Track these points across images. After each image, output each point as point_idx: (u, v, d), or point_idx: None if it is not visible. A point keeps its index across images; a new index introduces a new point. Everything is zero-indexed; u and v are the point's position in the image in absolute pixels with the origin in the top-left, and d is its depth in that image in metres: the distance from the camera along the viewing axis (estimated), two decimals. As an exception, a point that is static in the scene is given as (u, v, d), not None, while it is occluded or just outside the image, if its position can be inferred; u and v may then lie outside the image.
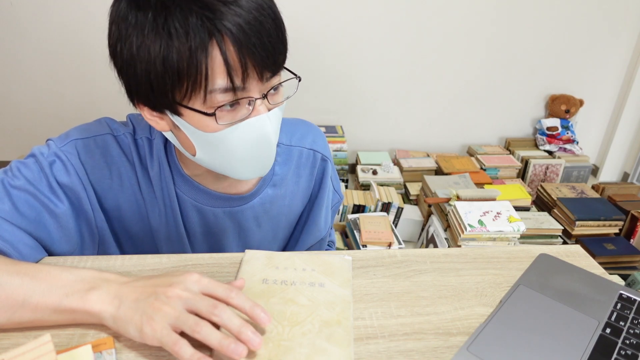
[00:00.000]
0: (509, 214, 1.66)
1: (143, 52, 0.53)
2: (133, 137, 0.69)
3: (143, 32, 0.52)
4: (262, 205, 0.76)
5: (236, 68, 0.54)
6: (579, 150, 2.48)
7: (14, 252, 0.59)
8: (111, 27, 0.57)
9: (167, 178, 0.70)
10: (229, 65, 0.53)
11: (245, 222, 0.76)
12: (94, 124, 0.70)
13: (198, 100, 0.55)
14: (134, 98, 0.60)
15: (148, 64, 0.53)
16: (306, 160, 0.79)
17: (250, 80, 0.55)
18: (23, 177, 0.62)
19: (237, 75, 0.54)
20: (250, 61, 0.54)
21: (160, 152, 0.69)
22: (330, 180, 0.84)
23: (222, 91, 0.54)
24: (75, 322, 0.52)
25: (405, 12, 2.20)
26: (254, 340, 0.47)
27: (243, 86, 0.55)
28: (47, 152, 0.65)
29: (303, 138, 0.79)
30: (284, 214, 0.80)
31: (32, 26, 2.07)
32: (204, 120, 0.56)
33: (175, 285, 0.50)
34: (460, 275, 0.64)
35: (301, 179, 0.80)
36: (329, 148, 0.85)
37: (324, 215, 0.84)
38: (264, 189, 0.75)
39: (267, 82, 0.58)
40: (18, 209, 0.61)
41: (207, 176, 0.70)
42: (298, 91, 0.65)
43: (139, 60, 0.54)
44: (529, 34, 2.31)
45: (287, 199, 0.79)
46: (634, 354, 0.51)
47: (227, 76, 0.53)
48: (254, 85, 0.56)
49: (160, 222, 0.72)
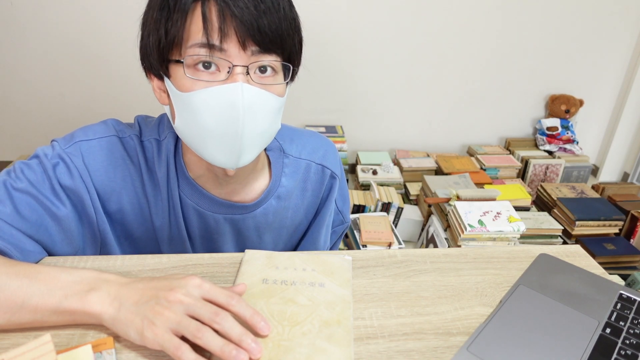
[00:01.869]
0: (509, 214, 1.66)
1: (148, 26, 0.59)
2: (139, 139, 0.69)
3: (153, 11, 0.59)
4: (264, 216, 0.75)
5: (213, 24, 0.55)
6: (579, 150, 2.48)
7: (15, 253, 0.59)
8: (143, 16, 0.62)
9: (173, 179, 0.69)
10: (207, 20, 0.55)
11: (245, 231, 0.75)
12: (99, 126, 0.69)
13: (178, 53, 0.58)
14: (149, 72, 0.64)
15: (149, 32, 0.59)
16: (314, 175, 0.78)
17: (229, 41, 0.56)
18: (26, 179, 0.62)
19: (214, 32, 0.55)
20: (231, 22, 0.55)
21: (170, 153, 0.69)
22: (334, 200, 0.82)
23: (198, 46, 0.56)
24: (75, 322, 0.52)
25: (405, 12, 2.20)
26: (254, 350, 0.47)
27: (220, 46, 0.56)
28: (51, 154, 0.64)
29: (314, 152, 0.78)
30: (286, 227, 0.79)
31: (32, 26, 2.07)
32: (183, 78, 0.58)
33: (176, 289, 0.50)
34: (460, 275, 0.64)
35: (307, 193, 0.79)
36: (341, 165, 0.83)
37: (323, 234, 0.83)
38: (268, 200, 0.74)
39: (254, 57, 0.57)
40: (20, 212, 0.60)
41: (209, 177, 0.70)
42: (298, 91, 0.65)
43: (146, 32, 0.60)
44: (529, 34, 2.31)
45: (290, 212, 0.78)
46: (634, 354, 0.51)
47: (203, 31, 0.55)
48: (235, 52, 0.56)
49: (163, 222, 0.72)
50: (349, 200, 0.88)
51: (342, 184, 0.85)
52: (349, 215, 0.88)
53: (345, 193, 0.87)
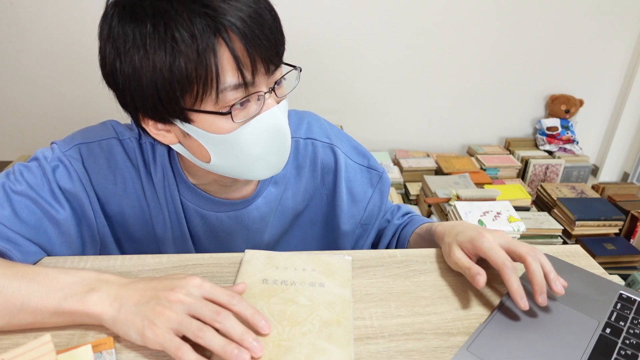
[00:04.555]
0: (509, 214, 1.66)
1: (147, 64, 0.52)
2: (138, 142, 0.68)
3: (144, 44, 0.51)
4: (267, 205, 0.74)
5: (245, 62, 0.53)
6: (579, 150, 2.48)
7: (15, 253, 0.59)
8: (104, 47, 0.55)
9: (172, 184, 0.69)
10: (239, 60, 0.52)
11: (252, 224, 0.74)
12: (99, 127, 0.69)
13: (210, 101, 0.54)
14: (138, 114, 0.58)
15: (154, 74, 0.52)
16: (304, 151, 0.76)
17: (259, 74, 0.55)
18: (25, 182, 0.62)
19: (247, 70, 0.53)
20: (258, 54, 0.53)
21: (164, 159, 0.68)
22: (343, 171, 0.76)
23: (233, 88, 0.53)
24: (75, 323, 0.52)
25: (405, 13, 2.20)
26: (256, 348, 0.47)
27: (253, 81, 0.55)
28: (51, 157, 0.64)
29: (297, 128, 0.76)
30: (291, 208, 0.77)
31: (32, 26, 2.07)
32: (218, 121, 0.55)
33: (177, 289, 0.50)
34: (460, 275, 0.64)
35: (303, 171, 0.76)
36: (329, 131, 0.79)
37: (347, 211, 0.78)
38: (266, 188, 0.73)
39: (272, 76, 0.58)
40: (18, 215, 0.60)
41: (214, 185, 0.69)
42: (298, 91, 0.65)
43: (143, 73, 0.52)
44: (528, 34, 2.31)
45: (290, 192, 0.76)
46: (634, 354, 0.51)
47: (237, 72, 0.53)
48: (261, 80, 0.56)
49: (165, 227, 0.71)
50: (370, 156, 0.82)
51: (349, 148, 0.79)
52: (377, 164, 0.82)
53: (356, 154, 0.81)
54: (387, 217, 0.86)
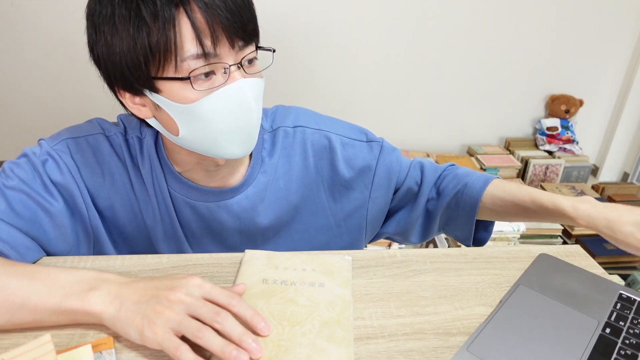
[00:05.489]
0: (509, 214, 1.65)
1: (116, 37, 0.55)
2: (124, 137, 0.70)
3: (114, 17, 0.55)
4: (257, 194, 0.73)
5: (205, 32, 0.55)
6: (578, 150, 2.48)
7: (13, 252, 0.59)
8: (87, 25, 0.59)
9: (159, 176, 0.70)
10: (198, 29, 0.54)
11: (242, 213, 0.73)
12: (85, 125, 0.71)
13: (171, 70, 0.56)
14: (115, 87, 0.61)
15: (122, 45, 0.55)
16: (293, 139, 0.76)
17: (221, 45, 0.56)
18: (17, 177, 0.62)
19: (207, 39, 0.55)
20: (219, 25, 0.55)
21: (151, 150, 0.69)
22: (339, 152, 0.76)
23: (194, 57, 0.55)
24: (75, 322, 0.52)
25: (405, 12, 2.20)
26: (255, 349, 0.48)
27: (215, 52, 0.56)
28: (39, 152, 0.65)
29: (285, 119, 0.77)
30: (284, 198, 0.76)
31: (32, 26, 2.07)
32: (182, 91, 0.57)
33: (177, 289, 0.50)
34: (460, 275, 0.64)
35: (293, 159, 0.75)
36: (318, 119, 0.79)
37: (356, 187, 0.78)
38: (255, 176, 0.73)
39: (240, 52, 0.59)
40: (14, 209, 0.61)
41: (198, 171, 0.69)
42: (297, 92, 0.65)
43: (113, 45, 0.56)
44: (528, 34, 2.31)
45: (282, 182, 0.75)
46: (634, 354, 0.51)
47: (196, 41, 0.54)
48: (226, 52, 0.57)
49: (155, 221, 0.72)
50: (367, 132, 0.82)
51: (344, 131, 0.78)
52: (375, 136, 0.82)
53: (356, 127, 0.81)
54: (420, 171, 0.84)
